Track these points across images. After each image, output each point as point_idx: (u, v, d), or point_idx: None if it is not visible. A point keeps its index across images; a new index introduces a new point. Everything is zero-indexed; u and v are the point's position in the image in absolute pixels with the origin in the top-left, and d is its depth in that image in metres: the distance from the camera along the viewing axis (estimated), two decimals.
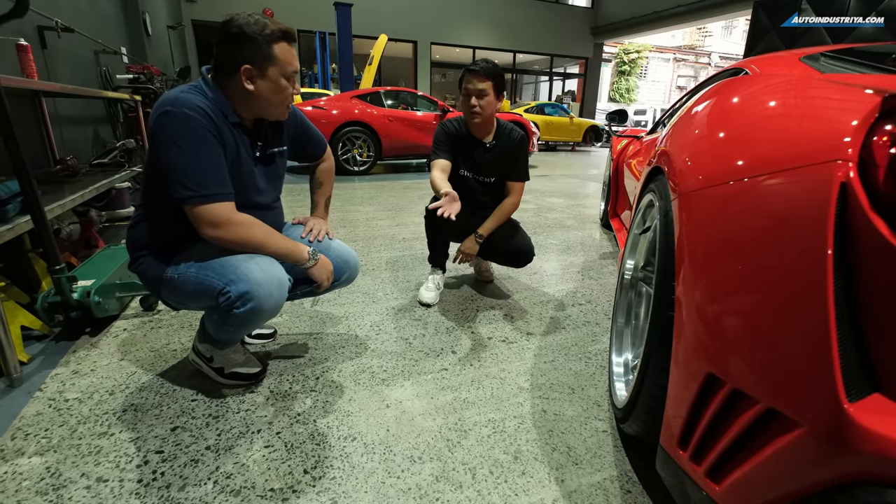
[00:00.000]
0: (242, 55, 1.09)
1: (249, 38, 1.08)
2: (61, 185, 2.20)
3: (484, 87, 1.76)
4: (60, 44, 3.15)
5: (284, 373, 1.43)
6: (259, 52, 1.09)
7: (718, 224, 0.75)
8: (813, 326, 0.56)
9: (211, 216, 1.08)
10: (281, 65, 1.12)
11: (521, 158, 1.95)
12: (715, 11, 11.47)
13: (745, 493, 0.64)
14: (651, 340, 0.93)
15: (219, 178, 1.09)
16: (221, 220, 1.09)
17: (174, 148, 1.04)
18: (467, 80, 1.78)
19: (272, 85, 1.13)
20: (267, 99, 1.15)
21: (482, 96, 1.77)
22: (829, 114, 0.69)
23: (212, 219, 1.08)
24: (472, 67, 1.76)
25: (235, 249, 1.14)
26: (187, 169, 1.05)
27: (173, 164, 1.04)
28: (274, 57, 1.11)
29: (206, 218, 1.07)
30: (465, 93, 1.79)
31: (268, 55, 1.10)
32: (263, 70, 1.11)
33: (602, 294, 2.16)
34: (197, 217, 1.08)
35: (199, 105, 1.06)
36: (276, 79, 1.13)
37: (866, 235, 0.54)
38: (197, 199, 1.06)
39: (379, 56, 8.61)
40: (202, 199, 1.06)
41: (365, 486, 1.00)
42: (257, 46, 1.09)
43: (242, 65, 1.09)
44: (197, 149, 1.05)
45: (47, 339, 1.60)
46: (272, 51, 1.10)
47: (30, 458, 1.05)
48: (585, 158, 9.62)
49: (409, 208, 3.95)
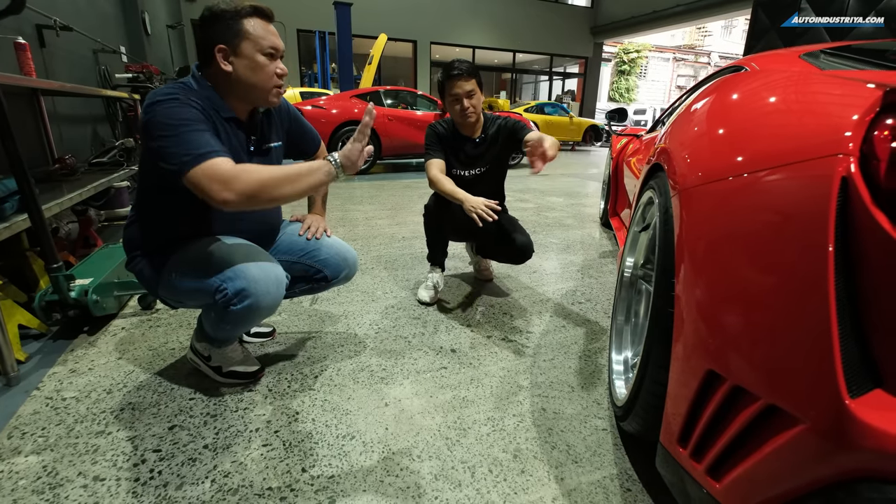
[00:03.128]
0: (214, 35, 1.08)
1: (219, 17, 1.07)
2: (59, 184, 2.20)
3: (471, 87, 1.76)
4: (59, 42, 3.14)
5: (283, 371, 1.42)
6: (228, 29, 1.08)
7: (718, 220, 0.75)
8: (814, 322, 0.55)
9: (214, 173, 0.96)
10: (254, 39, 1.10)
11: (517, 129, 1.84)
12: (714, 11, 11.47)
13: (746, 491, 0.63)
14: (651, 338, 0.93)
15: (210, 141, 1.02)
16: (227, 172, 0.97)
17: (164, 129, 1.00)
18: (454, 84, 1.75)
19: (248, 62, 1.11)
20: (247, 79, 1.12)
21: (472, 96, 1.77)
22: (830, 108, 0.68)
23: (216, 176, 0.96)
24: (455, 72, 1.74)
25: (257, 204, 1.01)
26: (178, 141, 0.99)
27: (165, 144, 1.00)
28: (245, 32, 1.09)
29: (210, 177, 0.96)
30: (455, 98, 1.77)
31: (237, 31, 1.08)
32: (236, 47, 1.09)
33: (602, 292, 2.16)
34: (202, 181, 0.96)
35: (188, 96, 1.05)
36: (251, 55, 1.10)
37: (867, 230, 0.53)
38: (193, 161, 0.97)
39: (378, 55, 8.60)
40: (198, 158, 0.97)
41: (363, 485, 1.00)
42: (226, 23, 1.07)
43: (216, 45, 1.08)
44: (184, 122, 1.01)
45: (45, 337, 1.59)
46: (242, 26, 1.08)
47: (26, 456, 1.05)
48: (585, 158, 9.62)
49: (409, 207, 3.94)
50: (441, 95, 1.83)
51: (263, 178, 1.00)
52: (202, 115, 1.06)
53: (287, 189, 1.02)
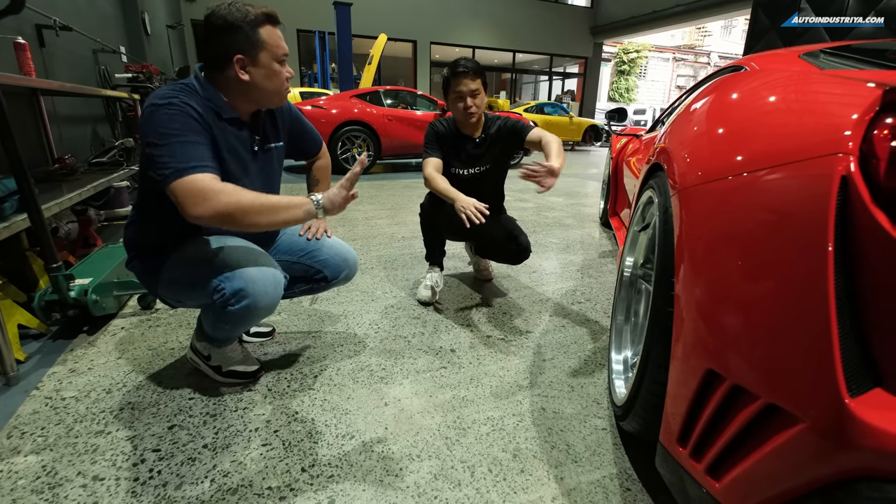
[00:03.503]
0: (232, 46, 1.07)
1: (234, 27, 1.06)
2: (59, 184, 2.19)
3: (476, 86, 1.76)
4: (59, 42, 3.14)
5: (282, 371, 1.42)
6: (246, 40, 1.07)
7: (718, 219, 0.75)
8: (814, 321, 0.55)
9: (192, 188, 0.97)
10: (270, 49, 1.11)
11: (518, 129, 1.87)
12: (714, 11, 11.47)
13: (746, 490, 0.63)
14: (650, 337, 0.93)
15: (198, 154, 1.02)
16: (204, 190, 0.97)
17: (157, 136, 1.00)
18: (459, 82, 1.75)
19: (266, 71, 1.12)
20: (263, 86, 1.13)
21: (476, 95, 1.76)
22: (830, 108, 0.68)
23: (193, 191, 0.97)
24: (461, 70, 1.73)
25: (231, 226, 1.02)
26: (166, 149, 0.99)
27: (156, 152, 1.00)
28: (262, 42, 1.09)
29: (187, 192, 0.97)
30: (458, 95, 1.76)
31: (255, 41, 1.08)
32: (255, 57, 1.09)
33: (601, 292, 2.16)
34: (179, 195, 0.97)
35: (186, 101, 1.05)
36: (268, 64, 1.11)
37: (867, 229, 0.53)
38: (174, 175, 0.97)
39: (378, 55, 8.60)
40: (178, 173, 0.97)
41: (363, 485, 1.00)
42: (243, 34, 1.07)
43: (234, 55, 1.08)
44: (177, 131, 1.01)
45: (44, 337, 1.59)
46: (259, 36, 1.09)
47: (26, 456, 1.05)
48: (585, 158, 9.62)
49: (408, 207, 3.94)
50: (445, 92, 1.83)
51: (242, 202, 1.00)
52: (198, 123, 1.06)
53: (263, 219, 1.03)
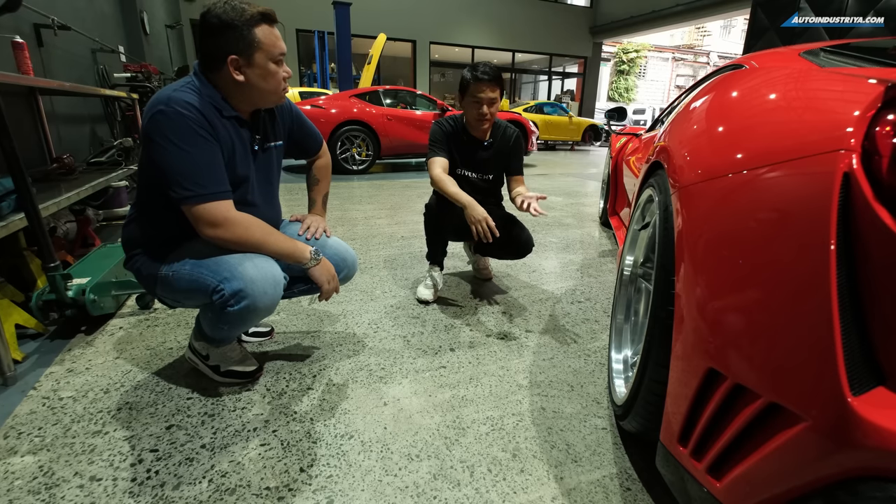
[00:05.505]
0: (226, 45, 1.06)
1: (229, 26, 1.05)
2: (57, 184, 2.19)
3: (495, 95, 1.75)
4: (57, 42, 3.13)
5: (281, 371, 1.41)
6: (241, 40, 1.06)
7: (719, 217, 0.74)
8: (816, 319, 0.55)
9: (209, 216, 1.07)
10: (266, 49, 1.09)
11: (519, 153, 1.98)
12: (713, 11, 11.46)
13: (747, 490, 0.63)
14: (651, 336, 0.92)
15: (216, 177, 1.08)
16: (219, 219, 1.08)
17: (170, 147, 1.02)
18: (478, 88, 1.73)
19: (261, 71, 1.11)
20: (259, 87, 1.13)
21: (493, 104, 1.76)
22: (831, 104, 0.68)
23: (210, 218, 1.07)
24: (482, 76, 1.72)
25: (234, 248, 1.12)
26: (184, 169, 1.03)
27: (170, 164, 1.03)
28: (257, 41, 1.08)
29: (204, 218, 1.06)
30: (477, 101, 1.75)
31: (251, 41, 1.07)
32: (250, 58, 1.08)
33: (601, 291, 2.15)
34: (195, 217, 1.07)
35: (192, 103, 1.05)
36: (263, 64, 1.10)
37: (870, 226, 0.53)
38: (195, 198, 1.05)
39: (378, 55, 8.60)
40: (200, 198, 1.05)
41: (362, 485, 0.99)
42: (238, 33, 1.06)
43: (228, 55, 1.07)
44: (193, 148, 1.04)
45: (42, 337, 1.59)
46: (255, 36, 1.07)
47: (22, 456, 1.04)
48: (584, 157, 9.62)
49: (408, 207, 3.94)
50: (461, 93, 1.81)
51: (251, 239, 1.13)
52: (205, 129, 1.06)
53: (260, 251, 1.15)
